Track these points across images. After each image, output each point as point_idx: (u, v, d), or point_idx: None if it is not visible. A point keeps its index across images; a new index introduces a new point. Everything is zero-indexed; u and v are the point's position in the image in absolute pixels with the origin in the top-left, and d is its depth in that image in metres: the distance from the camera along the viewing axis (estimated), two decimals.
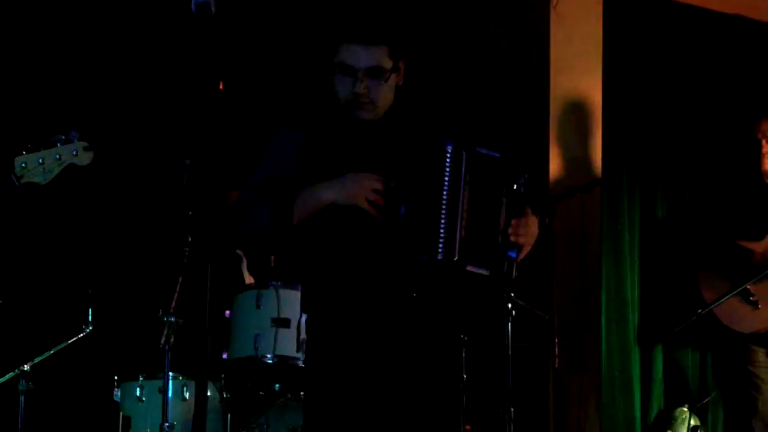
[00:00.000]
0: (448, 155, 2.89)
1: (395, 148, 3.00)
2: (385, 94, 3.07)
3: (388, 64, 3.04)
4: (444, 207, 2.88)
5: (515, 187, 2.98)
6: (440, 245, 2.87)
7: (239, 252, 5.02)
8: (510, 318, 4.59)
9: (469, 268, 2.93)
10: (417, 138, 3.01)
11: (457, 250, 2.88)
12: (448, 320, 3.08)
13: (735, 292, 4.63)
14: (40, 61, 4.94)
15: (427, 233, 2.87)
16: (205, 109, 2.41)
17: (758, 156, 4.83)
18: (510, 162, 3.01)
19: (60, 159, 3.22)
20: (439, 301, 3.02)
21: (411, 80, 5.42)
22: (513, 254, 2.96)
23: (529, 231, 3.00)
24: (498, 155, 3.00)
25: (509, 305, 4.58)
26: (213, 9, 2.37)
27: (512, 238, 2.97)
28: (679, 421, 5.76)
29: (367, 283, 2.97)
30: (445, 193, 2.88)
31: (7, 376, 4.35)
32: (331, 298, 3.01)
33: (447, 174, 2.88)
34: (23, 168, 3.17)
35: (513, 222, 2.98)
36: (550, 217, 5.47)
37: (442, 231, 2.87)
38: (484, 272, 2.95)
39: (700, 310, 4.67)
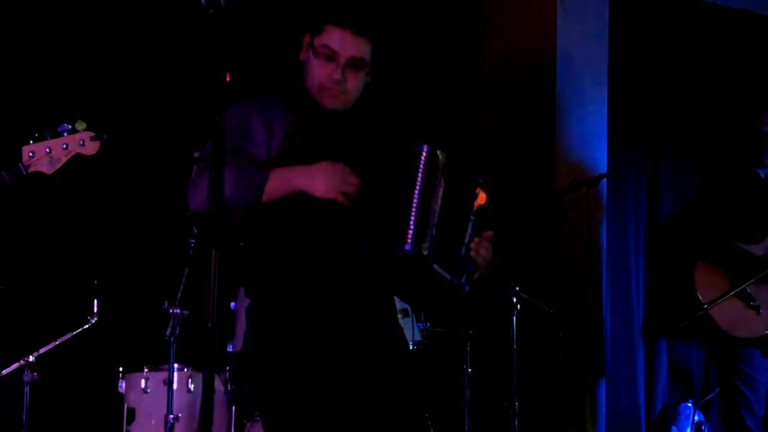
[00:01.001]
0: (423, 155, 2.86)
1: (368, 142, 2.96)
2: (357, 88, 2.98)
3: (369, 59, 2.97)
4: (415, 203, 2.84)
5: (481, 207, 3.01)
6: (409, 238, 2.82)
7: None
8: (515, 312, 4.59)
9: (435, 268, 2.91)
10: (392, 136, 2.99)
11: (427, 246, 2.86)
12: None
13: (736, 290, 4.62)
14: (48, 52, 4.94)
15: (398, 226, 2.83)
16: (213, 101, 2.41)
17: (763, 148, 4.82)
18: (478, 183, 3.02)
19: (67, 149, 3.23)
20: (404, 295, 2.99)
21: (411, 76, 5.42)
22: (470, 269, 2.99)
23: (486, 254, 3.01)
24: (469, 171, 3.00)
25: (514, 299, 4.58)
26: (222, 1, 2.37)
27: (472, 254, 2.98)
28: (684, 416, 5.76)
29: (334, 276, 2.89)
30: (417, 190, 2.85)
31: (12, 367, 4.36)
32: (297, 289, 2.89)
33: (420, 172, 2.85)
34: (31, 157, 3.18)
35: (475, 239, 2.99)
36: (554, 214, 5.48)
37: (412, 225, 2.83)
38: (447, 276, 2.94)
39: (705, 306, 4.66)
